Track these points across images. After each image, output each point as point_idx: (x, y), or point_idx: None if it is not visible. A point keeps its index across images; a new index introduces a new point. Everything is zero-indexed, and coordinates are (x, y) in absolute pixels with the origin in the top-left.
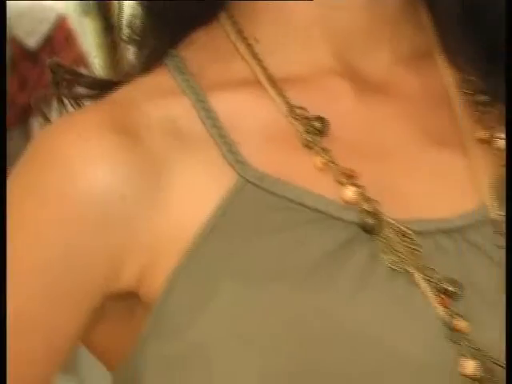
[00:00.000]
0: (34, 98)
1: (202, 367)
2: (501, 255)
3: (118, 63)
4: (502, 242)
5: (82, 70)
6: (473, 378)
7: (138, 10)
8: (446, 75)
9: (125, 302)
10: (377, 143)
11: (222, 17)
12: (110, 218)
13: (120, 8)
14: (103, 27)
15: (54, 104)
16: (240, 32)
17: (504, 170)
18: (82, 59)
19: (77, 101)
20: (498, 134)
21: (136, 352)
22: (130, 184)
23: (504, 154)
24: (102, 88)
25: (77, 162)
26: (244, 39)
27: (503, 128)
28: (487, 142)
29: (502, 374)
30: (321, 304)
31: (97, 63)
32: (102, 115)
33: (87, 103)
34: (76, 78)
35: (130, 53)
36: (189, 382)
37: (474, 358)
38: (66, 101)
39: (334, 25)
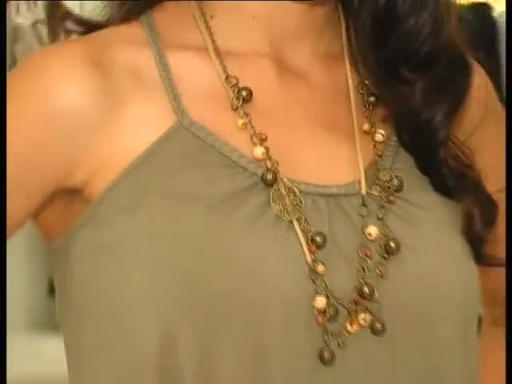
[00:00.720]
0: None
1: (120, 255)
2: (361, 222)
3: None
4: (364, 212)
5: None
6: (321, 311)
7: None
8: (349, 77)
9: (71, 195)
10: (287, 116)
11: None
12: (72, 129)
13: None
14: None
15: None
16: (201, 9)
17: (377, 157)
18: None
19: (66, 33)
20: (378, 129)
21: (70, 234)
22: (93, 106)
23: (380, 146)
24: (87, 27)
25: (56, 78)
26: (203, 15)
27: (383, 125)
28: (369, 134)
29: (342, 311)
30: (218, 231)
31: None
32: (83, 48)
33: (74, 36)
34: (68, 15)
35: None
36: (106, 266)
37: (324, 295)
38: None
39: (273, 22)
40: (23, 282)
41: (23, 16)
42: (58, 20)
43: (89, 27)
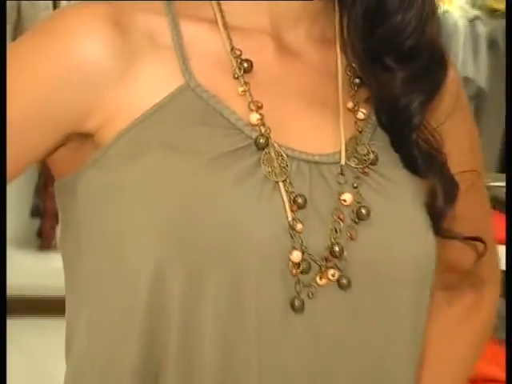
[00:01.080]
0: None
1: (122, 194)
2: (338, 189)
3: None
4: (342, 180)
5: None
6: (296, 265)
7: None
8: (339, 59)
9: (83, 139)
10: (282, 89)
11: None
12: (89, 80)
13: None
14: None
15: None
16: None
17: (357, 133)
18: None
19: None
20: (360, 108)
21: (79, 173)
22: (110, 61)
23: (361, 123)
24: None
25: (80, 33)
26: None
27: (365, 105)
28: (352, 112)
29: (314, 266)
30: (212, 182)
31: None
32: (109, 11)
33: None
34: None
35: None
36: (109, 203)
37: (300, 251)
38: None
39: (276, 5)
40: (9, 205)
41: None
42: None
43: None
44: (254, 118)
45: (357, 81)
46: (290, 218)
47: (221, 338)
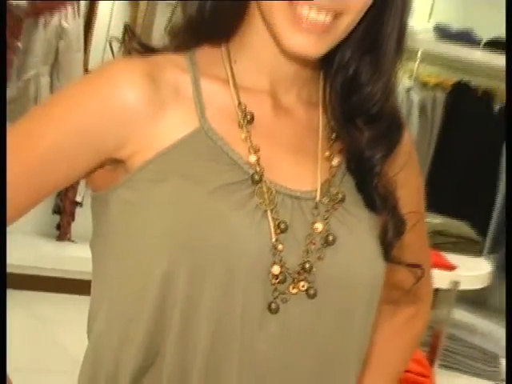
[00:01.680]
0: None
1: (144, 209)
2: (312, 219)
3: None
4: (316, 213)
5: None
6: (275, 276)
7: (180, 20)
8: (320, 119)
9: (115, 163)
10: (275, 138)
11: (223, 42)
12: (126, 118)
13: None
14: None
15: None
16: (228, 53)
17: (331, 177)
18: None
19: (130, 51)
20: (335, 157)
21: (111, 190)
22: (144, 106)
23: (334, 169)
24: (146, 49)
25: (122, 82)
26: (229, 56)
27: (338, 155)
28: (328, 160)
29: (289, 278)
30: (215, 207)
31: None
32: (144, 65)
33: (135, 55)
34: (135, 38)
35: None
36: (133, 215)
37: (279, 266)
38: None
39: (275, 71)
40: None
41: (68, 22)
42: (127, 41)
43: (147, 50)
44: (252, 158)
45: (333, 136)
46: (273, 240)
47: (212, 328)
